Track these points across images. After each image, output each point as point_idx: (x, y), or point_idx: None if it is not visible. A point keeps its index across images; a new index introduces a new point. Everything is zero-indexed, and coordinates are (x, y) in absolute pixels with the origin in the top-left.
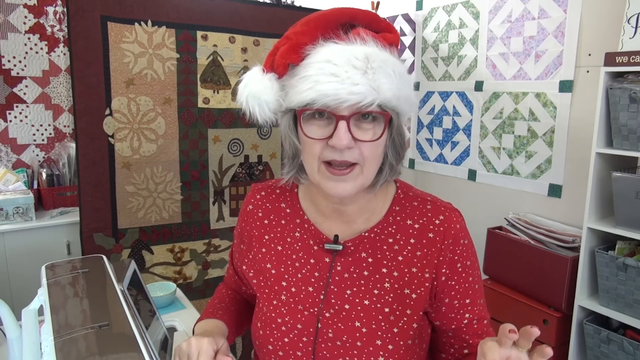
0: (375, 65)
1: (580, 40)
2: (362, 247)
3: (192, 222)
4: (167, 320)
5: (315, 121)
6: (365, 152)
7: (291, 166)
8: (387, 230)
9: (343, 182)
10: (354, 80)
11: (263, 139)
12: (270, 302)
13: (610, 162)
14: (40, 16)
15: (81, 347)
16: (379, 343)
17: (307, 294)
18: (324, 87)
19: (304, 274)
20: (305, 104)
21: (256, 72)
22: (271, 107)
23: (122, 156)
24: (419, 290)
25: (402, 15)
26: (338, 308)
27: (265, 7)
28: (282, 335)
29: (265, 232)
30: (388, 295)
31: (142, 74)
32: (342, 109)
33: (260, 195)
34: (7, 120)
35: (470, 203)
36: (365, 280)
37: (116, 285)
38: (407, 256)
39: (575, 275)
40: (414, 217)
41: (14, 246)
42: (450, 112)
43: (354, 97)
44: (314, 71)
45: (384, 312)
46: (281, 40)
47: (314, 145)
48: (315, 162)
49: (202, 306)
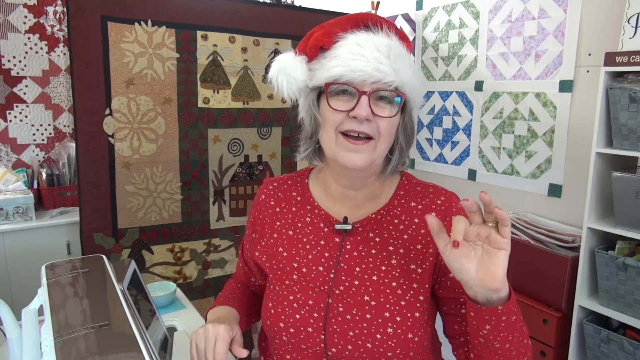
0: (397, 53)
1: (580, 40)
2: (369, 227)
3: (192, 222)
4: (167, 320)
5: (339, 97)
6: (381, 127)
7: (308, 144)
8: (393, 212)
9: (357, 152)
10: (379, 60)
11: (263, 139)
12: (282, 281)
13: (610, 162)
14: (40, 16)
15: (81, 347)
16: (387, 315)
17: (317, 273)
18: (352, 63)
19: (315, 254)
20: (333, 78)
21: (289, 54)
22: (299, 84)
23: (122, 156)
24: (424, 265)
25: (402, 15)
26: (348, 284)
27: (265, 7)
28: (293, 312)
29: (277, 219)
30: (395, 271)
31: (142, 74)
32: (366, 85)
33: (272, 186)
34: (7, 120)
35: None
36: (373, 257)
37: (116, 285)
38: (411, 234)
39: (575, 275)
40: (417, 199)
41: (14, 246)
42: (450, 112)
43: (378, 75)
44: (343, 52)
45: (392, 287)
46: (315, 28)
47: (335, 116)
48: (333, 133)
49: (202, 306)
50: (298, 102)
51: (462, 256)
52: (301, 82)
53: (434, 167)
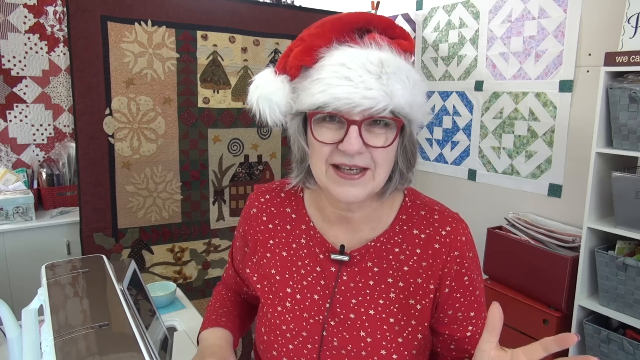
0: (390, 71)
1: (580, 40)
2: (368, 256)
3: (192, 221)
4: (167, 320)
5: (326, 124)
6: (377, 157)
7: (299, 170)
8: (394, 240)
9: (352, 186)
10: (367, 85)
11: (263, 139)
12: (275, 308)
13: (610, 161)
14: (40, 16)
15: (81, 346)
16: (384, 353)
17: (312, 301)
18: (336, 91)
19: (310, 281)
20: (316, 106)
21: (268, 74)
22: (282, 109)
23: (122, 156)
24: (423, 301)
25: (402, 15)
26: (343, 317)
27: (265, 7)
28: (286, 342)
29: (270, 236)
30: (393, 306)
31: (142, 74)
32: (354, 113)
33: (264, 198)
34: (7, 120)
35: (470, 203)
36: (371, 290)
37: (116, 285)
38: (412, 266)
39: (575, 275)
40: (420, 227)
41: (14, 246)
42: (450, 111)
43: (367, 102)
44: (327, 74)
45: (389, 322)
46: (295, 42)
47: (323, 149)
48: (323, 166)
49: (202, 306)
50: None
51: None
52: (284, 107)
53: (434, 167)
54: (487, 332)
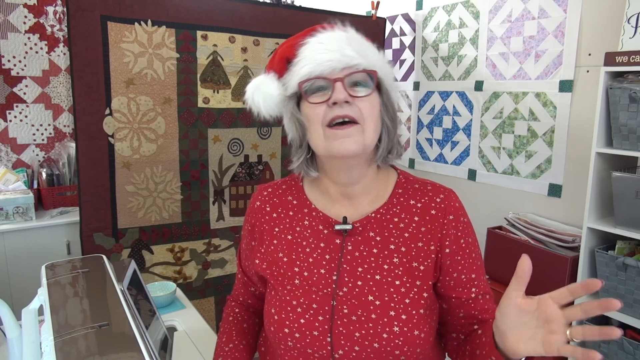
0: (358, 41)
1: (580, 40)
2: (369, 227)
3: (192, 221)
4: (167, 320)
5: (316, 94)
6: (363, 109)
7: (299, 153)
8: (392, 211)
9: (347, 137)
10: (343, 51)
11: (263, 139)
12: (284, 287)
13: (610, 161)
14: (40, 16)
15: (81, 346)
16: (393, 314)
17: (319, 276)
18: (318, 57)
19: (315, 257)
20: (305, 77)
21: (260, 75)
22: (275, 99)
23: (122, 156)
24: (426, 262)
25: (402, 15)
26: (351, 285)
27: (265, 6)
28: (297, 317)
29: (274, 224)
30: (398, 269)
31: (142, 74)
32: (336, 73)
33: (266, 192)
34: (7, 120)
35: (470, 203)
36: (375, 257)
37: (116, 285)
38: (412, 232)
39: (575, 275)
40: (416, 197)
41: (14, 246)
42: (450, 111)
43: (345, 59)
44: (308, 52)
45: (395, 285)
46: (279, 46)
47: (316, 110)
48: (320, 129)
49: (202, 306)
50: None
51: (519, 312)
52: (277, 97)
53: (434, 167)
54: (515, 281)
